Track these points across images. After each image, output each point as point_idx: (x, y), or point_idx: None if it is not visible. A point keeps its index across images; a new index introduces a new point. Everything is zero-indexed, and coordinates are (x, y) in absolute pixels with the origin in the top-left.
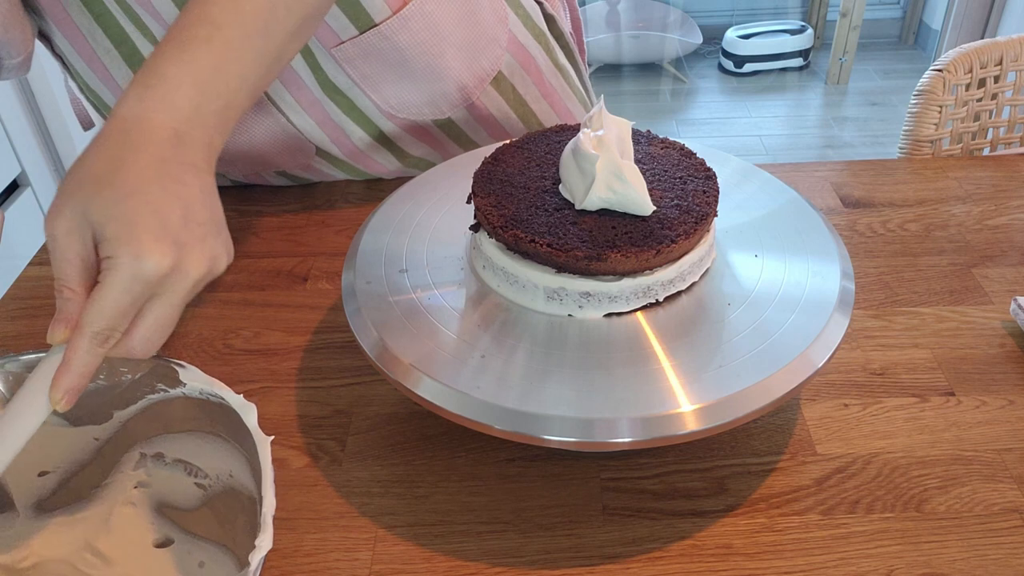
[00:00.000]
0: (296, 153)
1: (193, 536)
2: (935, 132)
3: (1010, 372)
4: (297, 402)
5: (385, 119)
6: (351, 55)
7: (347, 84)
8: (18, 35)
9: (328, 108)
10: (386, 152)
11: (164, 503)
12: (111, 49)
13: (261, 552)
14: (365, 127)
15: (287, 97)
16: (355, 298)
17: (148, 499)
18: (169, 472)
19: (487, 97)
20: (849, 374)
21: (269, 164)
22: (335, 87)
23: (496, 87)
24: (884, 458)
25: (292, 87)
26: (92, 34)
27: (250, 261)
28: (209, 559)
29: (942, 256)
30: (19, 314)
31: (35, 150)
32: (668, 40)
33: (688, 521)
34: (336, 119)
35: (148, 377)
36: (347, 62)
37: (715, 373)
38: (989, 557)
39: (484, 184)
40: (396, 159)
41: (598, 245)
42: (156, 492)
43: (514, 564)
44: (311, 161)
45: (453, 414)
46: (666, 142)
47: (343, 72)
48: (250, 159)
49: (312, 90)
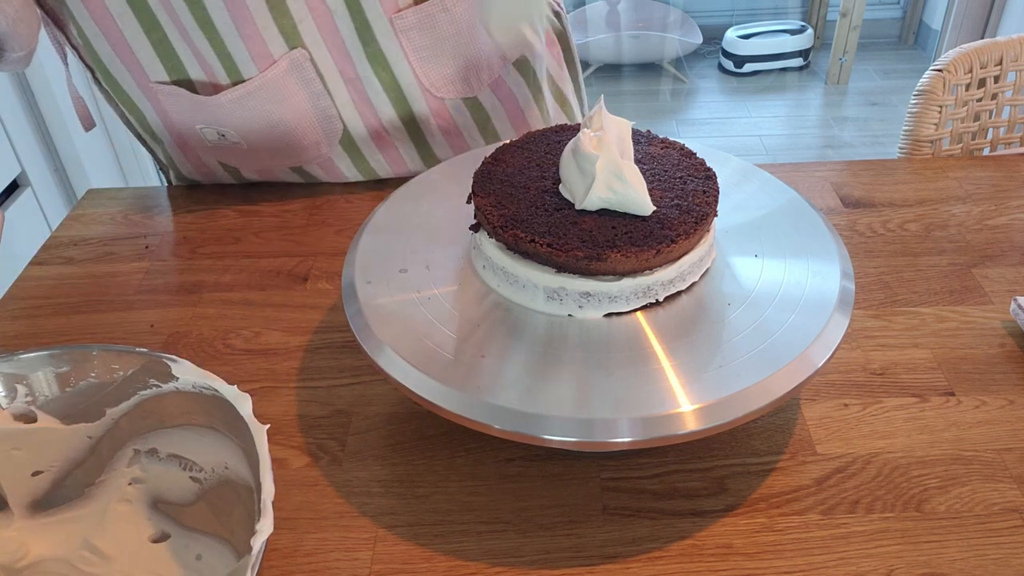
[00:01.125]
0: (322, 138)
1: (190, 530)
2: (935, 132)
3: (1010, 372)
4: (297, 402)
5: (420, 97)
6: (410, 24)
7: (397, 56)
8: (24, 30)
9: (368, 85)
10: (408, 141)
11: (159, 498)
12: (140, 34)
13: (262, 536)
14: (397, 106)
15: (331, 66)
16: (355, 298)
17: (143, 495)
18: (164, 467)
19: (510, 77)
20: (849, 374)
21: (291, 153)
22: (384, 60)
23: (518, 68)
24: (884, 458)
25: (338, 57)
26: (122, 17)
27: (250, 261)
28: (207, 552)
29: (942, 256)
30: (19, 314)
31: (35, 150)
32: (668, 40)
33: (688, 521)
34: (373, 97)
35: (140, 373)
36: (403, 32)
37: (715, 373)
38: (989, 557)
39: (484, 184)
40: (415, 150)
41: (598, 245)
42: (151, 488)
43: (514, 564)
44: (332, 152)
45: (453, 414)
46: (666, 142)
47: (397, 43)
48: (275, 145)
49: (357, 64)
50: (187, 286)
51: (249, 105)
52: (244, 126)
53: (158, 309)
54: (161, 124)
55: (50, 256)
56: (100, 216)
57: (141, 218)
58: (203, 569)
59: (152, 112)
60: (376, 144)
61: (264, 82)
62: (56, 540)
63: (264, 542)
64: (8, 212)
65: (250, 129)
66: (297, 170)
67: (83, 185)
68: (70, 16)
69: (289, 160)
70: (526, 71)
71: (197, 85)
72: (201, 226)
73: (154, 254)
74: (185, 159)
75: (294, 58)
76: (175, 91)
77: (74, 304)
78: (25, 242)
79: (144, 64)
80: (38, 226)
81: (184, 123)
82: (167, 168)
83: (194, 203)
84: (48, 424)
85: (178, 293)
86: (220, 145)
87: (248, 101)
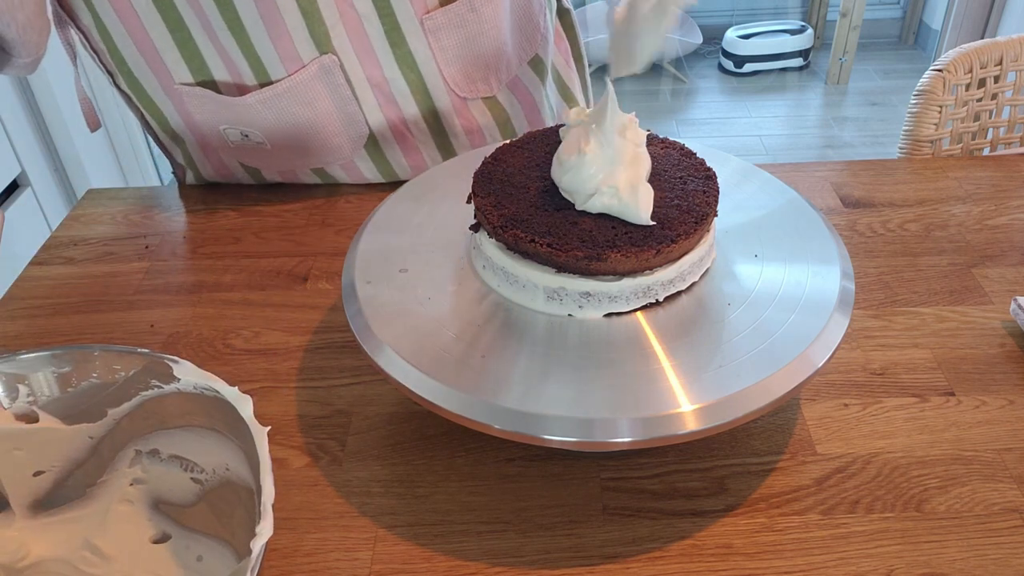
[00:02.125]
0: (346, 141)
1: (190, 531)
2: (935, 132)
3: (1010, 372)
4: (297, 402)
5: (445, 97)
6: (439, 24)
7: (425, 56)
8: (34, 37)
9: (395, 87)
10: (431, 142)
11: (160, 499)
12: (165, 34)
13: (262, 539)
14: (423, 106)
15: (360, 72)
16: (355, 298)
17: (144, 496)
18: (165, 468)
19: (525, 75)
20: (849, 374)
21: (315, 155)
22: (412, 61)
23: (533, 66)
24: (884, 458)
25: (368, 64)
26: (147, 16)
27: (250, 261)
28: (207, 553)
29: (942, 256)
30: (19, 314)
31: (35, 150)
32: (668, 40)
33: (688, 521)
34: (399, 99)
35: (142, 374)
36: (432, 32)
37: (715, 373)
38: (989, 557)
39: (484, 184)
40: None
41: (598, 245)
42: (152, 488)
43: (514, 564)
44: (356, 155)
45: (453, 414)
46: (666, 142)
47: (426, 42)
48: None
49: (385, 68)
50: (187, 286)
51: (276, 107)
52: (269, 127)
53: (158, 309)
54: (184, 125)
55: (50, 256)
56: (100, 216)
57: (141, 218)
58: (204, 570)
59: (175, 114)
60: (400, 146)
61: (292, 85)
62: (57, 540)
63: (264, 545)
64: (8, 212)
65: (275, 130)
66: (318, 171)
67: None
68: (95, 18)
69: (312, 161)
70: (540, 70)
71: (222, 86)
72: (201, 226)
73: (154, 254)
74: (207, 161)
75: (324, 63)
76: (200, 92)
77: (74, 304)
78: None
79: (169, 65)
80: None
81: (207, 124)
82: (185, 170)
83: (194, 203)
84: (50, 424)
85: (178, 293)
86: (243, 146)
87: (275, 103)
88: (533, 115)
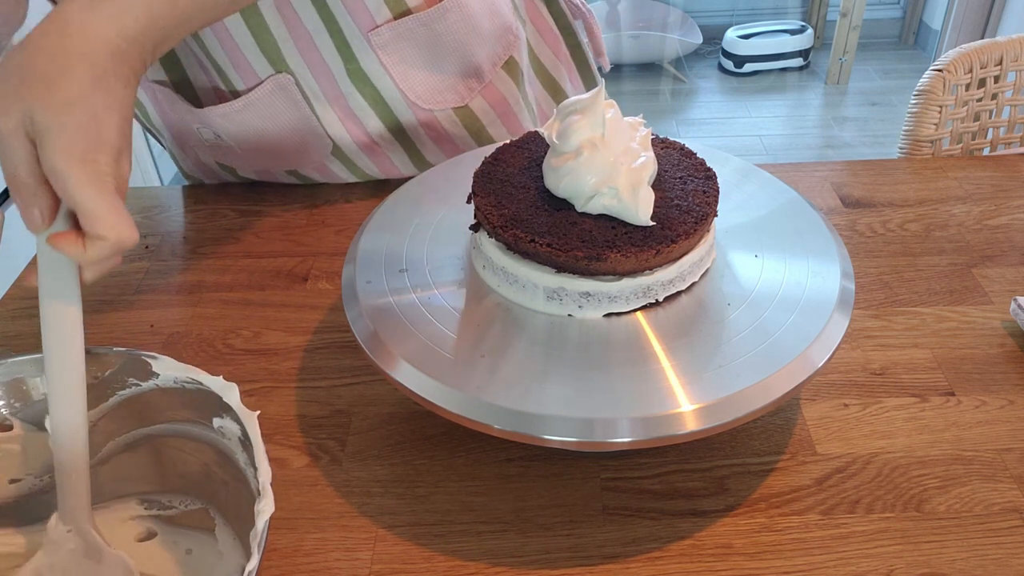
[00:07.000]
0: (312, 150)
1: (177, 526)
2: (935, 132)
3: (1010, 372)
4: (297, 402)
5: (407, 110)
6: (387, 40)
7: (378, 72)
8: None
9: (353, 102)
10: (400, 149)
11: (144, 497)
12: None
13: (264, 516)
14: (385, 119)
15: (315, 88)
16: (355, 298)
17: (128, 494)
18: (148, 464)
19: (500, 80)
20: (849, 374)
21: (285, 160)
22: (365, 76)
23: (507, 70)
24: (884, 458)
25: (322, 78)
26: None
27: (250, 261)
28: (196, 546)
29: (942, 256)
30: (19, 314)
31: None
32: (668, 40)
33: (688, 521)
34: (359, 112)
35: (118, 373)
36: (381, 47)
37: (715, 373)
38: (989, 557)
39: (484, 184)
40: (408, 157)
41: (598, 245)
42: (135, 487)
43: (514, 564)
44: (325, 160)
45: (453, 414)
46: (666, 142)
47: (376, 59)
48: (268, 153)
49: (339, 82)
50: (187, 286)
51: (238, 120)
52: (235, 134)
53: (158, 309)
54: (161, 121)
55: None
56: None
57: (141, 218)
58: (194, 563)
59: (152, 109)
60: (368, 155)
61: (250, 101)
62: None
63: (267, 521)
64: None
65: (241, 138)
66: (293, 173)
67: None
68: None
69: (284, 165)
70: (514, 72)
71: (197, 88)
72: (201, 226)
73: (154, 254)
74: (185, 156)
75: (279, 81)
76: (171, 93)
77: None
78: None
79: None
80: None
81: (182, 122)
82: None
83: (194, 203)
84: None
85: (178, 293)
86: (217, 145)
87: (236, 116)
88: (509, 119)
